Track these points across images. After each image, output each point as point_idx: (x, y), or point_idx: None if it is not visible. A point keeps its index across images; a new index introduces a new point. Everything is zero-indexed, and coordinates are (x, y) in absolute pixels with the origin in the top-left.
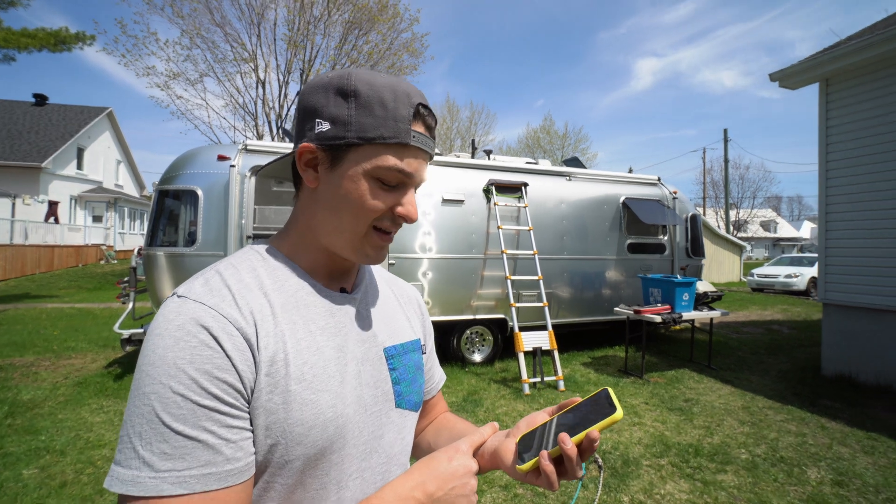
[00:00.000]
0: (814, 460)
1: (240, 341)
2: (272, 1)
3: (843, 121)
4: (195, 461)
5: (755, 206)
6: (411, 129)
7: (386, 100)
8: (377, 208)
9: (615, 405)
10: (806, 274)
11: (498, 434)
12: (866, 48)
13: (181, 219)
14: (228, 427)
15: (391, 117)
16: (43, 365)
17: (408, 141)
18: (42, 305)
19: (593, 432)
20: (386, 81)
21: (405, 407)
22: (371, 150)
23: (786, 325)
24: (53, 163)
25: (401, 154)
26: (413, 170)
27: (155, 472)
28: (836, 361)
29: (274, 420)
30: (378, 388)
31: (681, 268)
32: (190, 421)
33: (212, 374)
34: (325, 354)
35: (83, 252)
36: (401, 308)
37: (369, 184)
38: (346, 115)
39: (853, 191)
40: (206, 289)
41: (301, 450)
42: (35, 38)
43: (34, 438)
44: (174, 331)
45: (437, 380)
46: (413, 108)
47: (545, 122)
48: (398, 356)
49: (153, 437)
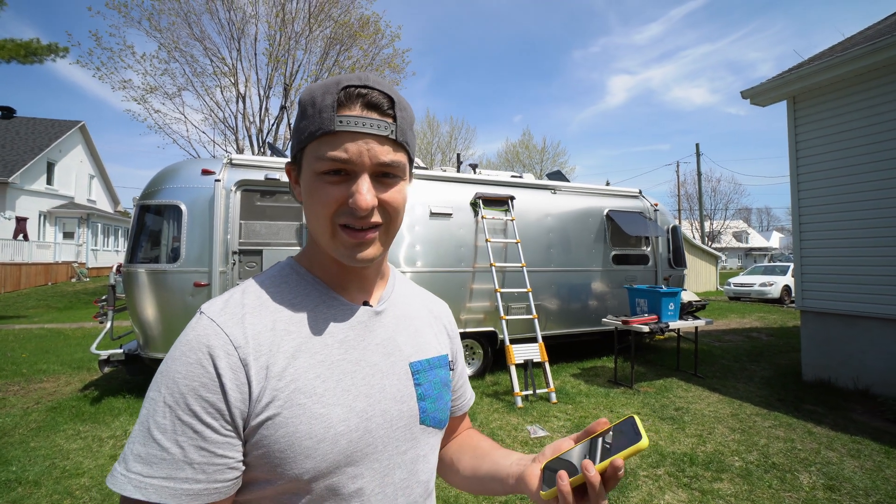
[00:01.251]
0: (804, 465)
1: (235, 360)
2: (252, 16)
3: (812, 136)
4: (159, 471)
5: (727, 217)
6: (336, 116)
7: (316, 97)
8: (327, 203)
9: (641, 433)
10: (779, 282)
11: (525, 458)
12: (829, 68)
13: (164, 234)
14: (197, 448)
15: (318, 112)
16: (11, 390)
17: (331, 128)
18: (9, 326)
19: (617, 460)
20: (326, 81)
21: (429, 424)
22: (310, 150)
23: (764, 332)
24: (21, 177)
25: (333, 143)
26: (351, 154)
27: (127, 470)
28: (816, 367)
29: (283, 434)
30: (403, 404)
31: (664, 278)
32: (168, 432)
33: (198, 391)
34: (342, 368)
35: (53, 270)
36: (430, 322)
37: (318, 182)
38: (296, 127)
39: (825, 202)
40: (223, 305)
41: (311, 463)
42: (3, 49)
43: (4, 469)
44: (182, 345)
45: (468, 398)
46: (338, 94)
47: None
48: (424, 371)
49: (137, 439)
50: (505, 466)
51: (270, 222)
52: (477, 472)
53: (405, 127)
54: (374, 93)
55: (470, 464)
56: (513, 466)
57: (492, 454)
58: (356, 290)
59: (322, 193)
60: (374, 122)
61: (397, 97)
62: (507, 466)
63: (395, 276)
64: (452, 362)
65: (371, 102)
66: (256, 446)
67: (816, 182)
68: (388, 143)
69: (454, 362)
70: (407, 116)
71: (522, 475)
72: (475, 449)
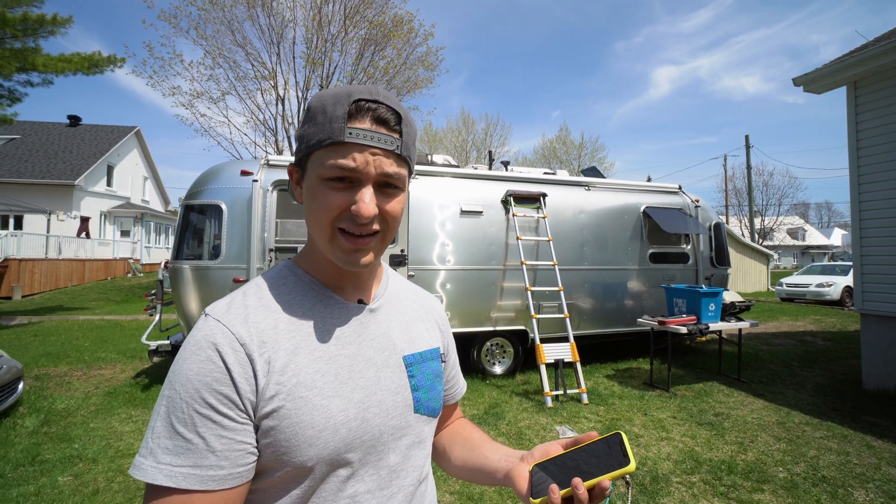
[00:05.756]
0: (860, 481)
1: (242, 356)
2: (291, 20)
3: (874, 124)
4: (186, 460)
5: (781, 213)
6: (346, 127)
7: (327, 106)
8: (330, 208)
9: (628, 455)
10: (839, 283)
11: (513, 455)
12: (893, 50)
13: (206, 232)
14: (218, 436)
15: (328, 120)
16: (75, 375)
17: (341, 138)
18: (74, 317)
19: (604, 482)
20: (336, 91)
21: (423, 413)
22: (317, 156)
23: (819, 336)
24: (85, 180)
25: (341, 152)
26: (358, 164)
27: (156, 462)
28: (879, 375)
29: (288, 424)
30: (398, 395)
31: (706, 277)
32: (189, 424)
33: (211, 385)
34: (339, 362)
35: (112, 265)
36: (421, 318)
37: (323, 187)
38: (303, 132)
39: (888, 196)
40: (227, 307)
41: (314, 451)
42: (71, 63)
43: (68, 446)
44: (192, 345)
45: (459, 388)
46: (349, 106)
47: (561, 132)
48: (417, 364)
49: (161, 433)
50: (493, 461)
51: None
52: (467, 463)
53: (409, 142)
54: (382, 108)
55: (460, 454)
56: (501, 462)
57: (482, 447)
58: (351, 289)
59: (326, 198)
60: (381, 137)
61: (404, 113)
62: (495, 461)
63: (389, 275)
64: (444, 354)
65: (380, 117)
66: (264, 436)
67: (879, 174)
68: (392, 156)
69: (446, 354)
70: (411, 132)
71: (510, 473)
72: (466, 440)
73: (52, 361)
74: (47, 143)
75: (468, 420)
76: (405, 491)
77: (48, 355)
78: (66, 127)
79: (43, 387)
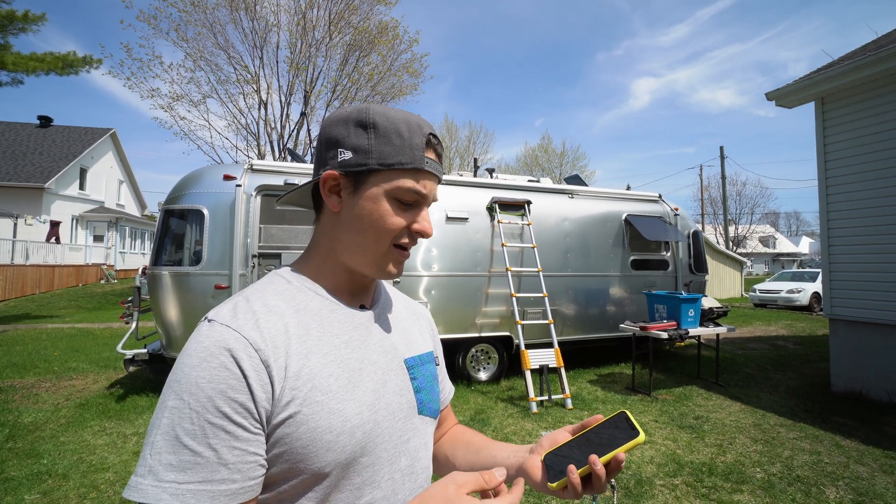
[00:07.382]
0: (831, 479)
1: (257, 362)
2: (275, 25)
3: (841, 137)
4: (194, 476)
5: (753, 221)
6: (425, 156)
7: (401, 130)
8: (397, 225)
9: (636, 428)
10: (808, 289)
11: (521, 449)
12: (858, 69)
13: (187, 238)
14: (230, 448)
15: (407, 146)
16: (44, 386)
17: (422, 166)
18: (42, 326)
19: (620, 454)
20: (400, 115)
21: (426, 414)
22: (390, 175)
23: (791, 340)
24: (56, 183)
25: (416, 177)
26: (427, 191)
27: (158, 480)
28: (846, 378)
29: (305, 430)
30: (403, 397)
31: (685, 284)
32: (199, 437)
33: (226, 393)
34: (350, 366)
35: (84, 272)
36: (414, 322)
37: (389, 205)
38: (366, 145)
39: (854, 206)
40: (233, 313)
41: (332, 455)
42: (43, 62)
43: (36, 462)
44: (201, 352)
45: (448, 391)
46: (426, 138)
47: (543, 140)
48: (417, 366)
49: (163, 448)
50: (502, 458)
51: (289, 226)
52: (474, 466)
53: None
54: (440, 145)
55: (465, 458)
56: (510, 458)
57: (487, 448)
58: (352, 296)
59: (391, 215)
60: (440, 169)
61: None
62: (504, 458)
63: (380, 282)
64: (437, 358)
65: (439, 152)
66: (276, 444)
67: (846, 185)
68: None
69: (438, 358)
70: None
71: (523, 465)
72: (468, 444)
73: (17, 373)
74: (15, 144)
75: (464, 425)
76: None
77: (13, 366)
78: (36, 128)
79: (8, 399)
